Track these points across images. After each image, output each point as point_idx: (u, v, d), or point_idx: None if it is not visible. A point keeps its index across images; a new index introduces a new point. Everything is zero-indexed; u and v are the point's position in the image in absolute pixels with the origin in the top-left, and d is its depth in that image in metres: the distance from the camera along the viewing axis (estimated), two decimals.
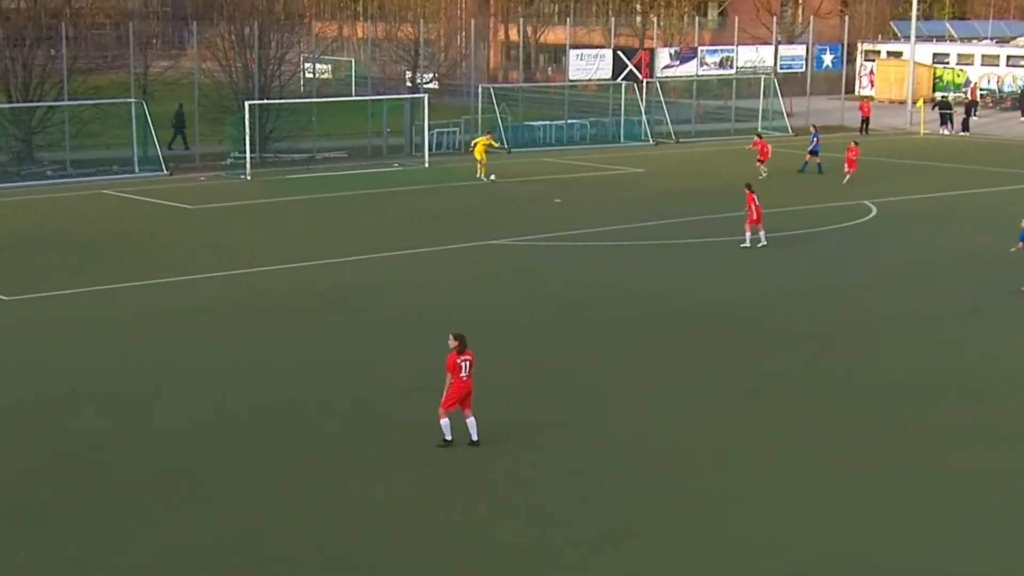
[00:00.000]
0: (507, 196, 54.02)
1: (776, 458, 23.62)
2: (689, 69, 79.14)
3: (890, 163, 64.70)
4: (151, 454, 23.45)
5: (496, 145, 58.50)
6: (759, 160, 58.23)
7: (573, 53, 76.33)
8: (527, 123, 73.27)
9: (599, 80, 77.10)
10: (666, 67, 78.24)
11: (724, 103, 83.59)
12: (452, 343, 23.59)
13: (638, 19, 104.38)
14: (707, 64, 79.66)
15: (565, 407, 26.30)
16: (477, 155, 57.33)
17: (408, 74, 72.79)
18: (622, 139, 74.09)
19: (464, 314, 33.59)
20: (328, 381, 27.89)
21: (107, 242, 43.51)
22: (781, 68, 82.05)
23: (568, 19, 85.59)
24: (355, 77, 79.32)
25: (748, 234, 41.56)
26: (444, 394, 23.44)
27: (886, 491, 22.09)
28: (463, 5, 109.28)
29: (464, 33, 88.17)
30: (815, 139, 61.14)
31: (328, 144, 66.79)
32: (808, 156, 60.65)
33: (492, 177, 56.34)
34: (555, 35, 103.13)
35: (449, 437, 23.46)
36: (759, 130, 71.61)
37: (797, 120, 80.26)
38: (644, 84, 75.89)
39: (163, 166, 59.37)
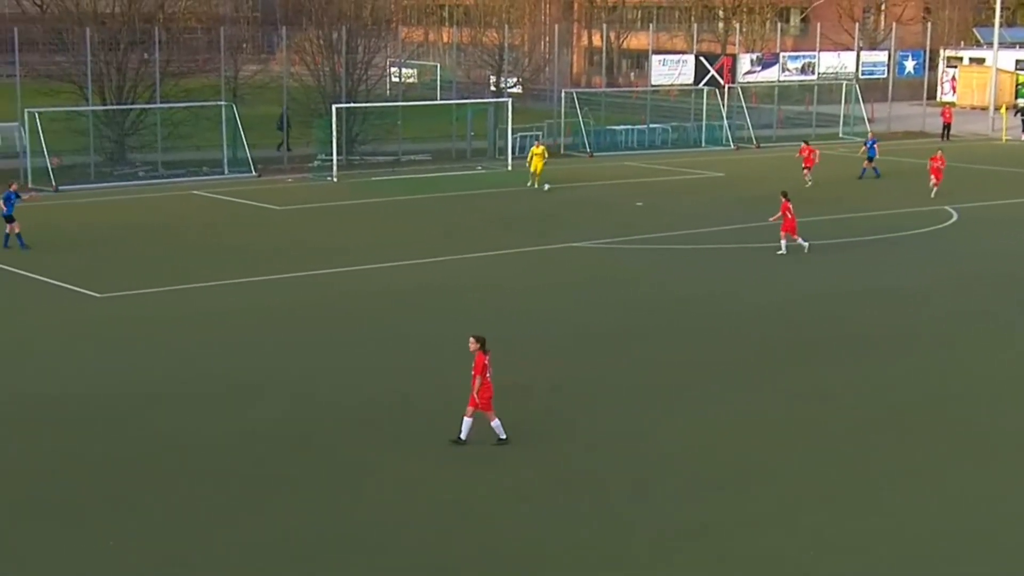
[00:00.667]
0: (589, 199, 54.01)
1: (847, 461, 23.42)
2: (771, 75, 78.75)
3: (971, 169, 64.01)
4: (237, 449, 23.68)
5: (547, 155, 57.79)
6: (805, 167, 57.34)
7: (655, 58, 76.14)
8: (609, 127, 73.22)
9: (681, 85, 76.85)
10: (748, 73, 77.87)
11: (805, 108, 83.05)
12: (474, 344, 23.67)
13: (720, 25, 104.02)
14: (789, 70, 79.17)
15: (632, 409, 26.22)
16: (536, 167, 56.10)
17: (492, 78, 73.05)
18: (703, 144, 73.86)
19: (540, 315, 33.73)
20: (409, 380, 27.99)
21: (196, 242, 43.95)
22: (863, 74, 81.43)
23: (651, 25, 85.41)
24: (440, 81, 79.59)
25: (785, 241, 41.18)
26: (476, 397, 23.45)
27: (959, 495, 21.90)
28: (547, 11, 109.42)
29: (548, 38, 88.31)
30: (872, 145, 60.75)
31: (413, 147, 67.08)
32: (866, 163, 60.12)
33: (547, 187, 55.69)
34: (638, 40, 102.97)
35: (504, 436, 23.57)
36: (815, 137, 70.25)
37: (878, 126, 79.64)
38: (726, 89, 75.59)
39: (252, 167, 59.89)
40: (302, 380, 27.95)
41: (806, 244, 41.14)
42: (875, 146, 60.99)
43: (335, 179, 58.60)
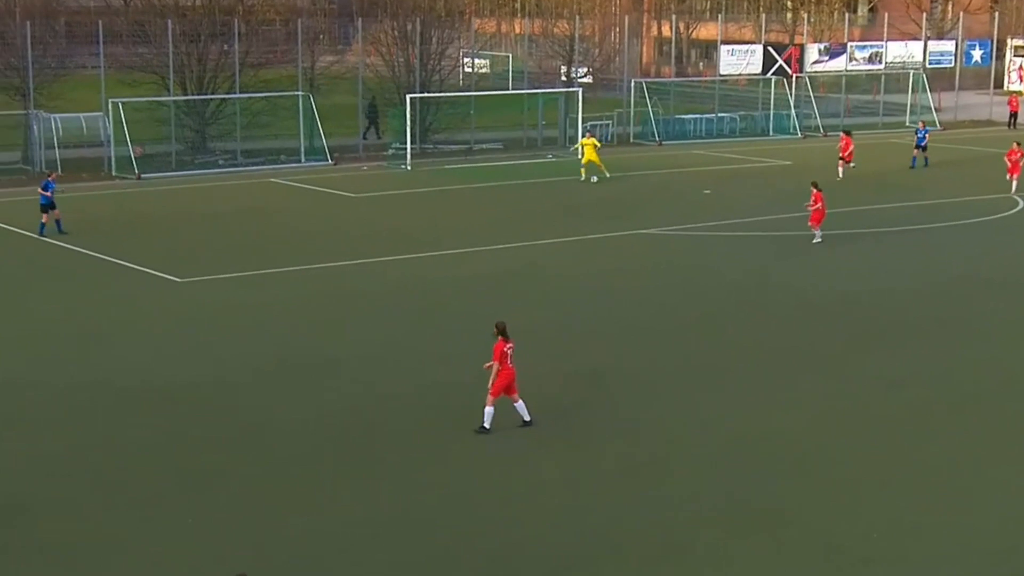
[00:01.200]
0: (658, 187, 53.94)
1: (912, 447, 23.33)
2: (838, 64, 78.15)
3: None
4: (313, 432, 23.89)
5: (600, 144, 56.38)
6: (841, 159, 55.54)
7: (724, 48, 75.77)
8: (678, 116, 72.99)
9: (749, 75, 76.41)
10: (815, 62, 77.34)
11: (872, 98, 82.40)
12: (496, 332, 23.57)
13: (788, 15, 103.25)
14: (856, 59, 78.50)
15: (699, 394, 26.24)
16: (588, 159, 54.48)
17: (563, 68, 72.93)
18: (771, 132, 73.45)
19: (610, 300, 33.77)
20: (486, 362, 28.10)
21: (274, 228, 44.28)
22: (930, 63, 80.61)
23: (720, 15, 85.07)
24: (512, 71, 79.60)
25: (817, 230, 40.75)
26: (491, 382, 23.43)
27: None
28: (617, 2, 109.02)
29: (618, 29, 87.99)
30: (924, 134, 59.79)
31: (485, 136, 67.17)
32: (915, 151, 59.35)
33: (594, 179, 54.46)
34: (707, 31, 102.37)
35: (488, 425, 23.41)
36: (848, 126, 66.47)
37: (945, 115, 78.92)
38: (794, 79, 75.13)
39: (328, 156, 60.24)
40: (378, 363, 28.13)
41: (819, 238, 40.65)
42: (927, 135, 60.02)
43: (409, 167, 58.82)
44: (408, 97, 60.64)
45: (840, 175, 54.37)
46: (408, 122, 59.77)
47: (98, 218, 45.09)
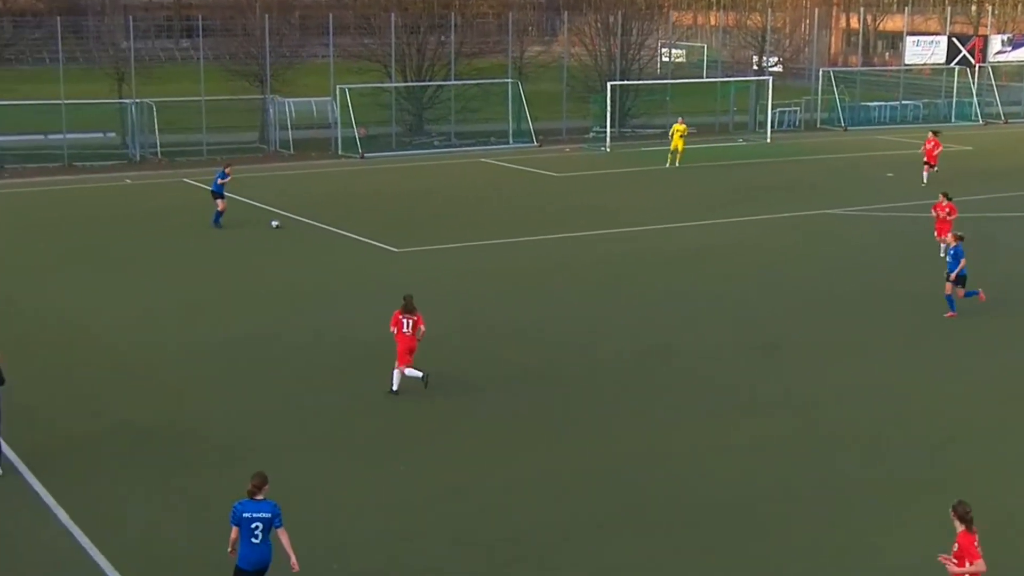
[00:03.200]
0: (843, 170, 53.03)
1: None
2: (1021, 55, 75.84)
3: None
4: (511, 391, 24.08)
5: (687, 133, 53.91)
6: (926, 163, 47.76)
7: (909, 39, 74.21)
8: (863, 103, 71.74)
9: (933, 64, 74.70)
10: (998, 53, 75.21)
11: None
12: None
13: (973, 8, 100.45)
14: None
15: (874, 366, 25.80)
16: (675, 145, 53.17)
17: (755, 58, 72.18)
18: (953, 119, 71.63)
19: (790, 276, 33.39)
20: (674, 332, 28.04)
21: (483, 203, 44.74)
22: None
23: (906, 8, 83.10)
24: (706, 61, 79.08)
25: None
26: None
27: None
28: None
29: (808, 21, 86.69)
30: None
31: None
32: None
33: (668, 164, 53.33)
34: (893, 22, 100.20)
35: (396, 389, 23.39)
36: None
37: None
38: (976, 68, 73.17)
39: (533, 138, 60.58)
40: (575, 329, 28.21)
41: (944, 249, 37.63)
42: None
43: (608, 149, 58.83)
44: (609, 84, 60.66)
45: (925, 181, 47.08)
46: (608, 108, 59.80)
47: (325, 193, 46.08)
